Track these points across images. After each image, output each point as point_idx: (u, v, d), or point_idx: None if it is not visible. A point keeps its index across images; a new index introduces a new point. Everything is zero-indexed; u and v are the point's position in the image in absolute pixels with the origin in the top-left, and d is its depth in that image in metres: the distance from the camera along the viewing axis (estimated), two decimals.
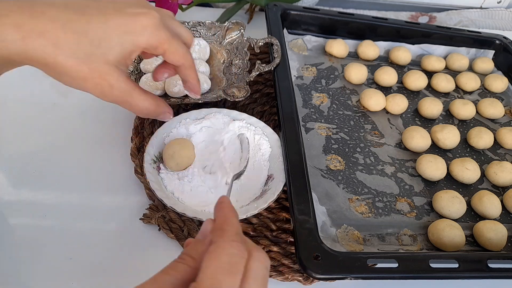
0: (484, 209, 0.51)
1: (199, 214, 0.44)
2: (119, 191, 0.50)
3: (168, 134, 0.51)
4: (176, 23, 0.40)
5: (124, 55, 0.36)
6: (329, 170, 0.52)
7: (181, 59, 0.40)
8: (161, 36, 0.37)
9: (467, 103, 0.63)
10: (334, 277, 0.41)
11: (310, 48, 0.70)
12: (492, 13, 0.94)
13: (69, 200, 0.49)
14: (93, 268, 0.44)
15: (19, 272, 0.42)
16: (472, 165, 0.54)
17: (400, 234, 0.48)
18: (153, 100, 0.40)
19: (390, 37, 0.72)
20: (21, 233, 0.46)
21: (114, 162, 0.53)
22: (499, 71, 0.74)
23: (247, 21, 0.78)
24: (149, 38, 0.36)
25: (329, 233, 0.46)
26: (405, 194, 0.52)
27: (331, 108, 0.61)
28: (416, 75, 0.66)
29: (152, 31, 0.36)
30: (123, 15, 0.35)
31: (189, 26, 0.61)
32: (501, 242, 0.47)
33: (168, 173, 0.48)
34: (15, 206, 0.48)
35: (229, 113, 0.53)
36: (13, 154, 0.52)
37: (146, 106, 0.39)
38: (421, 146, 0.56)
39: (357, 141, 0.57)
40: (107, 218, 0.48)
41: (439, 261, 0.42)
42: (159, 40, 0.37)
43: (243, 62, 0.58)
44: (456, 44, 0.74)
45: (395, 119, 0.62)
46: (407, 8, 0.94)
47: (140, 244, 0.46)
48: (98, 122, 0.56)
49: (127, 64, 0.37)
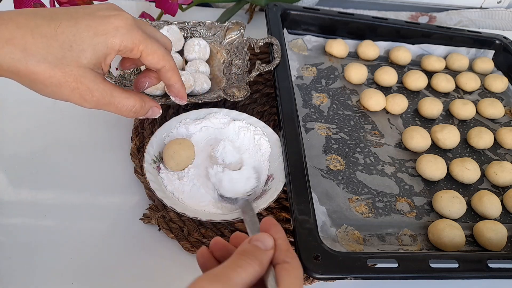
0: (484, 209, 0.51)
1: (199, 214, 0.44)
2: (119, 191, 0.50)
3: (168, 134, 0.51)
4: (153, 29, 0.39)
5: (98, 58, 0.34)
6: (329, 170, 0.52)
7: (160, 60, 0.38)
8: (135, 36, 0.36)
9: (467, 103, 0.63)
10: (334, 277, 0.41)
11: (310, 48, 0.70)
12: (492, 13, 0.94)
13: (69, 200, 0.49)
14: (93, 268, 0.44)
15: (19, 272, 0.42)
16: (472, 165, 0.54)
17: (400, 234, 0.48)
18: (137, 97, 0.38)
19: (390, 37, 0.72)
20: (21, 233, 0.46)
21: (114, 162, 0.53)
22: (499, 71, 0.74)
23: (247, 21, 0.78)
24: (123, 39, 0.35)
25: (329, 233, 0.46)
26: (405, 194, 0.52)
27: (331, 108, 0.61)
28: (416, 75, 0.66)
29: (124, 32, 0.35)
30: (93, 18, 0.34)
31: (189, 26, 0.61)
32: (501, 242, 0.47)
33: (168, 173, 0.48)
34: (15, 206, 0.48)
35: (229, 113, 0.54)
36: (13, 154, 0.52)
37: (131, 103, 0.38)
38: (421, 146, 0.56)
39: (357, 141, 0.57)
40: (107, 218, 0.48)
41: (439, 261, 0.42)
42: (133, 41, 0.36)
43: (243, 62, 0.58)
44: (456, 44, 0.74)
45: (395, 119, 0.62)
46: (407, 8, 0.94)
47: (140, 244, 0.46)
48: (98, 122, 0.56)
49: (104, 68, 0.36)
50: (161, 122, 0.53)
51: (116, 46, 0.35)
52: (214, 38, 0.62)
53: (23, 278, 0.42)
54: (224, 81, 0.58)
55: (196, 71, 0.57)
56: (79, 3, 0.60)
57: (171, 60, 0.39)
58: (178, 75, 0.41)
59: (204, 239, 0.46)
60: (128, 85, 0.54)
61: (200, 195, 0.47)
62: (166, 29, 0.58)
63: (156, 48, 0.37)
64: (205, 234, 0.47)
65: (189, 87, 0.53)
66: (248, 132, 0.52)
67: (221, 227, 0.48)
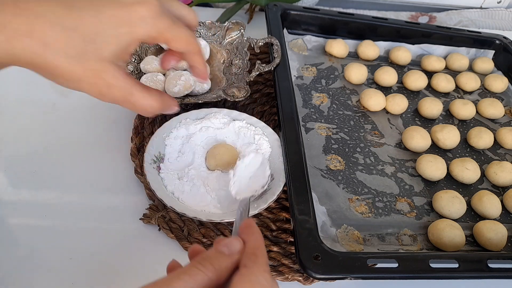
0: (484, 209, 0.51)
1: (199, 214, 0.44)
2: (119, 191, 0.50)
3: (168, 134, 0.51)
4: (177, 4, 0.37)
5: (121, 49, 0.33)
6: (329, 170, 0.52)
7: (185, 45, 0.37)
8: (161, 25, 0.34)
9: (467, 103, 0.63)
10: (334, 277, 0.41)
11: (310, 48, 0.70)
12: (492, 13, 0.94)
13: (69, 200, 0.49)
14: (93, 268, 0.44)
15: (19, 272, 0.42)
16: (472, 165, 0.54)
17: (400, 234, 0.48)
18: (157, 96, 0.37)
19: (390, 37, 0.72)
20: (21, 233, 0.45)
21: (114, 162, 0.53)
22: (499, 71, 0.74)
23: (247, 21, 0.78)
24: (148, 29, 0.33)
25: (329, 233, 0.46)
26: (405, 194, 0.52)
27: (331, 108, 0.61)
28: (416, 75, 0.66)
29: (150, 21, 0.33)
30: (117, 6, 0.32)
31: None
32: (501, 242, 0.47)
33: (168, 173, 0.48)
34: (15, 206, 0.48)
35: (229, 113, 0.54)
36: (13, 154, 0.52)
37: (150, 103, 0.36)
38: (421, 146, 0.56)
39: (357, 141, 0.57)
40: (107, 218, 0.48)
41: (439, 261, 0.42)
42: (159, 31, 0.34)
43: (243, 62, 0.58)
44: (456, 44, 0.74)
45: (395, 119, 0.62)
46: (407, 8, 0.94)
47: (140, 244, 0.46)
48: (98, 122, 0.56)
49: (125, 59, 0.35)
50: (161, 122, 0.53)
51: (140, 36, 0.33)
52: (214, 38, 0.62)
53: (23, 278, 0.42)
54: (224, 81, 0.58)
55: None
56: None
57: (195, 43, 0.38)
58: (201, 58, 0.40)
59: (204, 239, 0.46)
60: None
61: (200, 195, 0.47)
62: None
63: (182, 34, 0.36)
64: (205, 234, 0.47)
65: (189, 87, 0.53)
66: (248, 132, 0.52)
67: (221, 227, 0.48)
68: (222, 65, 0.60)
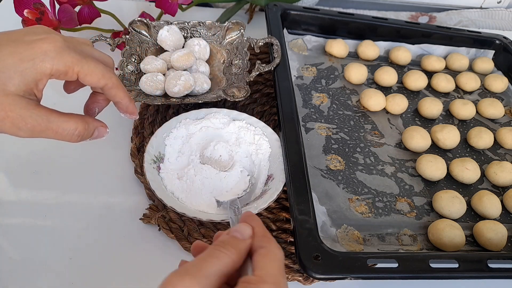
0: (484, 209, 0.51)
1: (199, 214, 0.44)
2: (119, 191, 0.50)
3: (168, 134, 0.51)
4: (89, 47, 0.37)
5: (27, 84, 0.33)
6: (329, 170, 0.52)
7: (100, 79, 0.36)
8: (68, 59, 0.34)
9: (467, 103, 0.63)
10: (334, 277, 0.41)
11: (310, 48, 0.70)
12: (492, 13, 0.94)
13: (69, 200, 0.49)
14: (93, 268, 0.44)
15: (19, 272, 0.42)
16: (472, 165, 0.54)
17: (400, 234, 0.48)
18: (78, 119, 0.36)
19: (390, 37, 0.72)
20: (21, 233, 0.46)
21: (114, 162, 0.53)
22: (499, 71, 0.74)
23: (247, 21, 0.78)
24: (53, 62, 0.33)
25: (329, 233, 0.46)
26: (405, 194, 0.52)
27: (331, 108, 0.61)
28: (416, 75, 0.66)
29: (54, 55, 0.33)
30: (18, 44, 0.33)
31: (189, 26, 0.61)
32: (501, 242, 0.47)
33: (168, 173, 0.48)
34: (15, 206, 0.48)
35: (229, 113, 0.54)
36: (13, 154, 0.52)
37: (73, 126, 0.36)
38: (421, 146, 0.56)
39: (357, 141, 0.57)
40: (107, 218, 0.48)
41: (439, 261, 0.42)
42: (66, 64, 0.34)
43: (243, 62, 0.58)
44: (456, 44, 0.74)
45: (395, 119, 0.62)
46: (407, 8, 0.94)
47: (140, 244, 0.46)
48: None
49: (37, 94, 0.34)
50: (161, 122, 0.53)
51: (47, 71, 0.33)
52: (214, 38, 0.62)
53: (23, 278, 0.42)
54: (224, 81, 0.58)
55: (196, 71, 0.57)
56: (78, 2, 0.60)
57: (112, 76, 0.37)
58: (123, 91, 0.39)
59: (204, 239, 0.46)
60: (128, 85, 0.54)
61: (200, 195, 0.47)
62: (166, 29, 0.58)
63: (94, 67, 0.36)
64: (205, 234, 0.47)
65: (189, 87, 0.53)
66: (248, 132, 0.52)
67: (221, 227, 0.48)
68: (222, 65, 0.60)
